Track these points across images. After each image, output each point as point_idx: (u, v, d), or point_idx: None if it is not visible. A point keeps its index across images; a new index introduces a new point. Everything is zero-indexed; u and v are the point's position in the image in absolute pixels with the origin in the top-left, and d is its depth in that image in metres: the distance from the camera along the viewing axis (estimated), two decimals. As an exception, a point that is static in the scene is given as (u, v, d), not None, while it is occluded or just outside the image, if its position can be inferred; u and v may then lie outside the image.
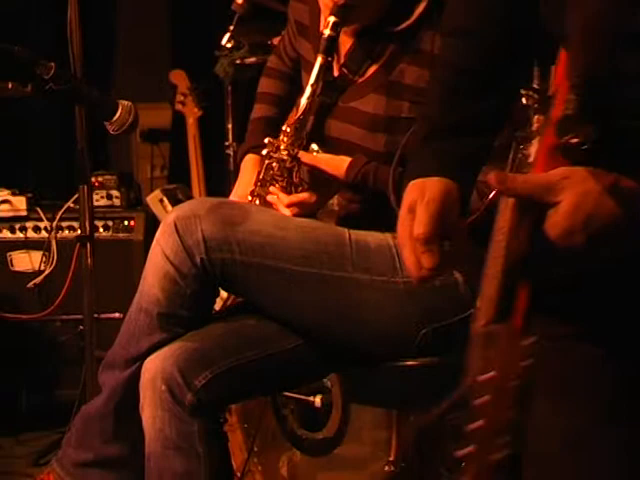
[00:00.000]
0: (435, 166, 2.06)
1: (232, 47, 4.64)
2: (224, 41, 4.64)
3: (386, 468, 3.86)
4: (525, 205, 1.65)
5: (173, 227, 3.08)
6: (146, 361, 3.03)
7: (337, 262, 3.16)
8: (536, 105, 1.79)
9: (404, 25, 3.25)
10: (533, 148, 1.72)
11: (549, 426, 1.90)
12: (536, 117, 1.76)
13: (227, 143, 4.83)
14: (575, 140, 1.61)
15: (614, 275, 1.73)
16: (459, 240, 2.05)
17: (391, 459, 3.86)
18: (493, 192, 1.81)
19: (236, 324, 3.18)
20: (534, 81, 3.28)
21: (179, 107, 5.08)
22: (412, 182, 2.07)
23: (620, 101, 1.66)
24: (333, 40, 3.27)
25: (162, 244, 3.10)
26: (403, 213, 2.04)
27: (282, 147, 3.31)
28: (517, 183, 1.64)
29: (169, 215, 3.18)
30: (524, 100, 3.75)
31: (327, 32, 3.24)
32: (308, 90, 3.29)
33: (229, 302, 3.26)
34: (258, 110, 3.65)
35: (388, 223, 3.20)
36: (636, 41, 1.62)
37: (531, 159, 1.71)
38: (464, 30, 2.15)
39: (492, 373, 1.67)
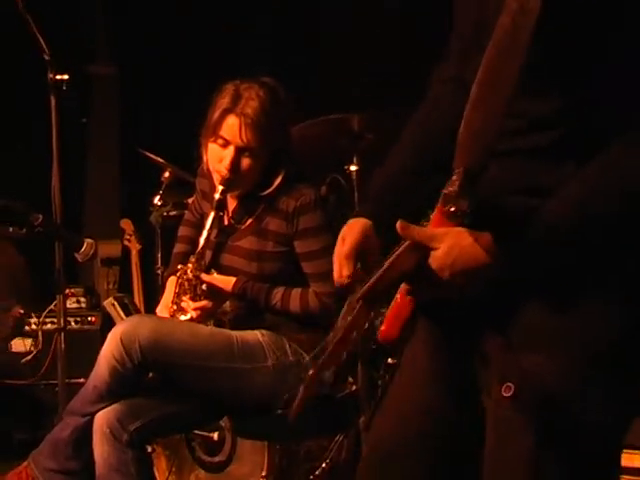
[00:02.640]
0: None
1: (161, 204, 4.62)
2: (155, 200, 4.62)
3: (261, 480, 3.83)
4: (416, 245, 1.65)
5: (119, 338, 3.09)
6: (97, 415, 3.03)
7: (229, 357, 3.19)
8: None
9: (268, 192, 3.29)
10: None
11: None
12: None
13: (157, 267, 4.79)
14: (453, 209, 1.64)
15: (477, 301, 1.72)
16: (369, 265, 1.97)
17: (264, 474, 3.81)
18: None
19: (157, 390, 3.19)
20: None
21: (126, 243, 5.06)
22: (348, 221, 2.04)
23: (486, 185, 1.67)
24: (221, 201, 3.31)
25: (111, 348, 3.10)
26: (338, 240, 2.00)
27: (189, 271, 3.32)
28: (414, 231, 1.65)
29: (118, 327, 3.19)
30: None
31: (217, 196, 3.28)
32: (204, 233, 3.31)
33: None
34: (177, 247, 3.64)
35: (259, 322, 3.31)
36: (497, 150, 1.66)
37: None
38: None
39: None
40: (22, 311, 3.80)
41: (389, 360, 4.39)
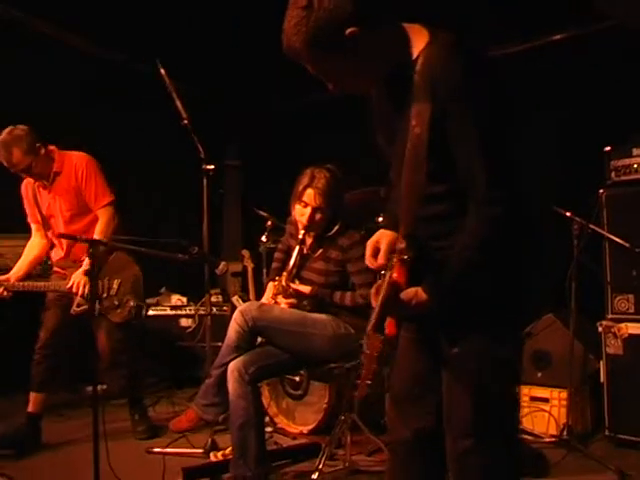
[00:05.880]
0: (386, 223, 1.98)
1: (266, 241, 4.59)
2: (263, 238, 4.59)
3: (324, 406, 3.80)
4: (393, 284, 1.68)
5: (240, 312, 3.13)
6: (229, 365, 3.03)
7: (304, 324, 3.16)
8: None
9: (330, 234, 3.31)
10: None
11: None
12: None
13: (263, 278, 4.74)
14: (405, 257, 1.66)
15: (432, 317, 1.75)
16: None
17: (326, 401, 3.80)
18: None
19: (265, 348, 3.15)
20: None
21: (245, 264, 5.02)
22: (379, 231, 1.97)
23: (423, 241, 1.72)
24: (303, 239, 3.32)
25: (236, 319, 3.13)
26: (372, 241, 1.91)
27: (282, 280, 3.33)
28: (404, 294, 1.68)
29: (239, 308, 3.20)
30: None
31: (300, 236, 3.30)
32: (292, 259, 3.32)
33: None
34: (273, 266, 3.59)
35: (325, 312, 3.27)
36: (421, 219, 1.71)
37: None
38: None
39: (368, 350, 1.67)
40: (133, 304, 3.81)
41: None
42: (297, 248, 3.33)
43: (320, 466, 3.17)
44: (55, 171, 3.77)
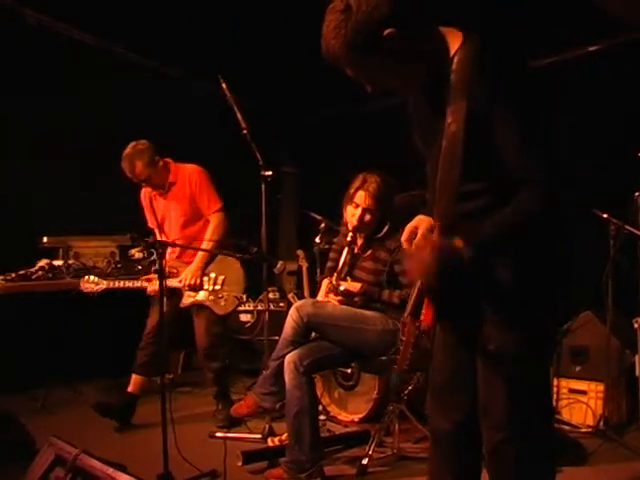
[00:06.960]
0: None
1: (319, 242, 4.57)
2: (316, 239, 4.57)
3: (374, 396, 3.80)
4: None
5: (296, 309, 3.12)
6: (286, 357, 3.03)
7: (355, 321, 3.15)
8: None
9: (380, 235, 3.30)
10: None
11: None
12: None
13: (317, 276, 4.70)
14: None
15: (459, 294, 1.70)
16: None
17: (376, 392, 3.80)
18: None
19: (318, 342, 3.14)
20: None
21: (300, 263, 5.07)
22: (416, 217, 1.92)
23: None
24: (353, 240, 3.33)
25: (292, 314, 3.13)
26: (410, 226, 1.88)
27: (333, 279, 3.33)
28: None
29: (294, 305, 3.20)
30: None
31: (349, 238, 3.31)
32: (342, 259, 3.34)
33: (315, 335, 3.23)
34: (328, 264, 3.59)
35: (373, 308, 3.24)
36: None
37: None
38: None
39: (404, 337, 1.65)
40: (235, 298, 3.95)
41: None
42: (346, 248, 3.34)
43: (370, 452, 3.19)
44: (170, 181, 3.98)
